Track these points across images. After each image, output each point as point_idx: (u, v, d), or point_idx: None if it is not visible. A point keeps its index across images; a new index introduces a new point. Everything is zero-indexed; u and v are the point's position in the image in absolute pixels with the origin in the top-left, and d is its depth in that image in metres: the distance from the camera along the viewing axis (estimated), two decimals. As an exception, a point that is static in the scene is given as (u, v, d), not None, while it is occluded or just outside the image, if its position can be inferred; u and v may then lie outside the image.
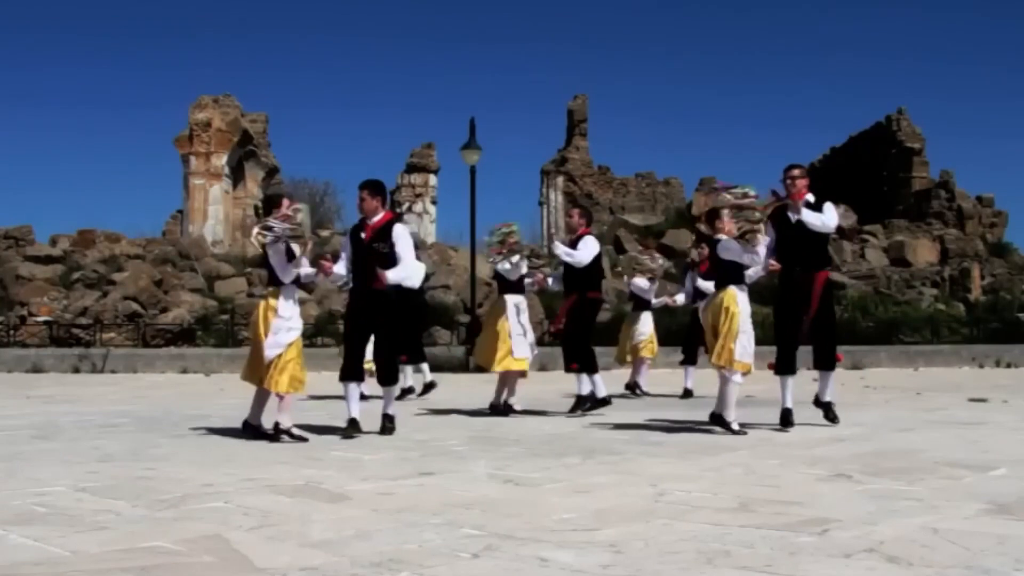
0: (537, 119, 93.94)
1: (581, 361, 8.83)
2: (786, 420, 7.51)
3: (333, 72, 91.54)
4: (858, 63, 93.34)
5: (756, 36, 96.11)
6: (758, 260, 7.32)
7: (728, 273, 7.34)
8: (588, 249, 8.93)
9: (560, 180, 35.79)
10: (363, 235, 7.26)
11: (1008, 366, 19.08)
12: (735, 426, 7.15)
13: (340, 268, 7.51)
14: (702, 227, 7.90)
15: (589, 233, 9.19)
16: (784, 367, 7.56)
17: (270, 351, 6.75)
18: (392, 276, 7.10)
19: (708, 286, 9.00)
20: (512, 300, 9.10)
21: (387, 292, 7.18)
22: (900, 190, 33.85)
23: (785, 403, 7.54)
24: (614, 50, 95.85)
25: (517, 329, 9.02)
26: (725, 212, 7.43)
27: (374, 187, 7.44)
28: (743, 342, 7.11)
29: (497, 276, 9.54)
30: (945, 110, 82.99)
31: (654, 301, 11.76)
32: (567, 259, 8.92)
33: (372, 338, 7.43)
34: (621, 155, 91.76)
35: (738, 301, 7.19)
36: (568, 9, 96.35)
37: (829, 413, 7.65)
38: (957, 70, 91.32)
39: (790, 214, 7.58)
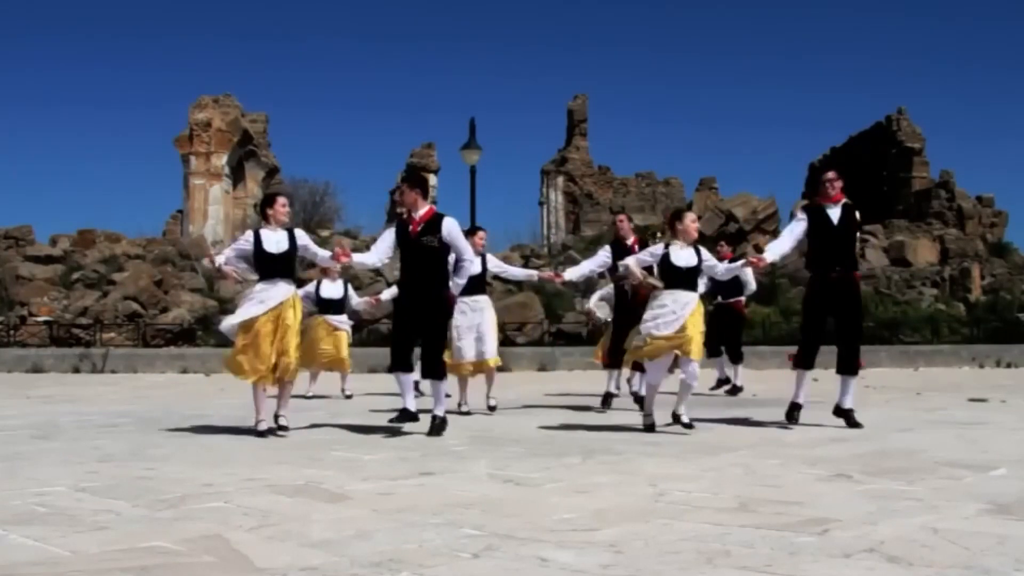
0: (537, 119, 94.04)
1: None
2: (792, 415, 7.52)
3: (333, 72, 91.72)
4: (858, 63, 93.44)
5: (756, 36, 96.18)
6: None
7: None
8: None
9: (560, 180, 35.83)
10: (410, 228, 7.19)
11: (1008, 366, 19.07)
12: (647, 421, 7.33)
13: (366, 257, 7.50)
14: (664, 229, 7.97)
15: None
16: (805, 362, 7.60)
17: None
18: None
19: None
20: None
21: (439, 289, 7.17)
22: (900, 190, 33.86)
23: (797, 398, 7.56)
24: (614, 50, 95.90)
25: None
26: (687, 216, 7.43)
27: (412, 179, 7.43)
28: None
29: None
30: (945, 110, 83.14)
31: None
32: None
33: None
34: (621, 155, 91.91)
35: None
36: (568, 9, 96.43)
37: (850, 420, 7.46)
38: (957, 70, 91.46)
39: (830, 212, 7.69)
